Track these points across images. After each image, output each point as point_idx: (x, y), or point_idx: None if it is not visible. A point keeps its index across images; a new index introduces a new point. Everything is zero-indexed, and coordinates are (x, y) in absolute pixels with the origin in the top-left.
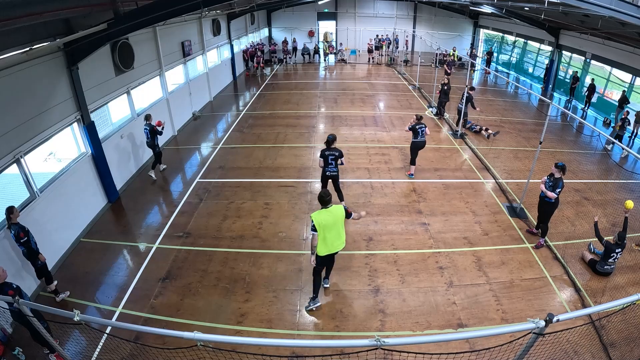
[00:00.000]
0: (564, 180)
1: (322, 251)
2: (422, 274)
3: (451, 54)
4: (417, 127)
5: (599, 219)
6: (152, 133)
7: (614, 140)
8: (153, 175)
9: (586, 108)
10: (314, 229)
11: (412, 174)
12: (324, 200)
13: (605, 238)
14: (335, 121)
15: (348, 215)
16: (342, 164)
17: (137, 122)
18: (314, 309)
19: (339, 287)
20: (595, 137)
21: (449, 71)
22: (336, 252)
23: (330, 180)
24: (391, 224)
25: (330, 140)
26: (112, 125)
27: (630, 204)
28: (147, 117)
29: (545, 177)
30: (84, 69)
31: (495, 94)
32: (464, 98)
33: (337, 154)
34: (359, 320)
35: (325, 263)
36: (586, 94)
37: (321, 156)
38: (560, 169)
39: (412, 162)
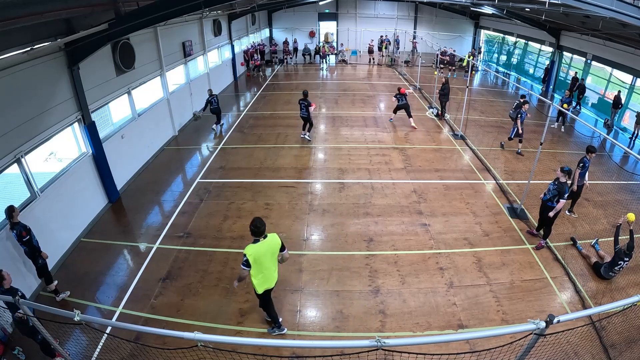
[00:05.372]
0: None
1: (260, 288)
2: (423, 274)
3: (465, 60)
4: (397, 95)
5: (623, 223)
6: (217, 101)
7: (565, 110)
8: (215, 128)
9: (575, 106)
10: (246, 264)
11: (391, 119)
12: (260, 230)
13: (619, 245)
14: (335, 122)
15: (282, 247)
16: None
17: (138, 122)
18: (277, 333)
19: (339, 287)
20: (596, 138)
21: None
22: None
23: (303, 121)
24: (391, 224)
25: (304, 93)
26: (113, 125)
27: (632, 216)
28: (211, 91)
29: (549, 185)
30: (84, 69)
31: (495, 95)
32: (518, 111)
33: (306, 103)
34: (359, 321)
35: (266, 297)
36: (575, 91)
37: (298, 103)
38: (566, 173)
39: (394, 112)
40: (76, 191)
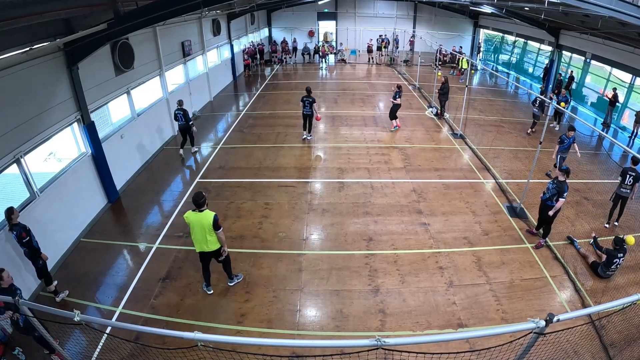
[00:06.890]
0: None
1: (196, 247)
2: (422, 274)
3: (462, 62)
4: (397, 92)
5: (596, 233)
6: (186, 117)
7: (562, 109)
8: (182, 154)
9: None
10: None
11: (397, 127)
12: (197, 203)
13: (604, 247)
14: (335, 121)
15: (217, 227)
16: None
17: (137, 122)
18: (207, 291)
19: (339, 287)
20: (595, 136)
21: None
22: (210, 252)
23: (307, 118)
24: (391, 224)
25: (308, 90)
26: (112, 125)
27: (631, 240)
28: (180, 103)
29: (548, 184)
30: (84, 69)
31: (495, 94)
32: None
33: (310, 100)
34: (359, 320)
35: (203, 258)
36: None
37: (301, 101)
38: (564, 172)
39: (394, 117)
40: (76, 191)
